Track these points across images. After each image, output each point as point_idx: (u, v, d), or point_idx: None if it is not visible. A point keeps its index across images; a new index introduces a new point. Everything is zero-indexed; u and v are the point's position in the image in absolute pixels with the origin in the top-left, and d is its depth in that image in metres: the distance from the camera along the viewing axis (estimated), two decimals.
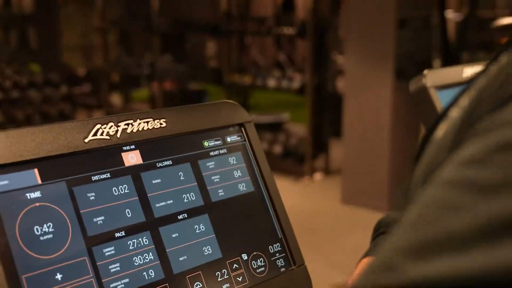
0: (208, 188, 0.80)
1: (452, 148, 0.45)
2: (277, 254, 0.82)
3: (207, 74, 6.79)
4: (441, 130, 0.49)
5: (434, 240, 0.34)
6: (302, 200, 5.00)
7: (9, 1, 8.97)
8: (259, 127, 6.57)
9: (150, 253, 0.72)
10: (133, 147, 0.76)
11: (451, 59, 5.40)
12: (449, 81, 1.20)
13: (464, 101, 0.46)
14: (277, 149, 5.68)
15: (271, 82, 5.84)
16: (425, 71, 1.18)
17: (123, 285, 0.68)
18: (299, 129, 6.71)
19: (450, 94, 1.20)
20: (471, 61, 6.58)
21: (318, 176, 5.57)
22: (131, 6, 9.60)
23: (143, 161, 0.76)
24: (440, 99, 1.17)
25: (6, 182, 0.65)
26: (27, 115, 7.25)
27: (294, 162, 5.60)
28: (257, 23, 6.06)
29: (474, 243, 0.32)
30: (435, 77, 1.19)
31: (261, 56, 8.67)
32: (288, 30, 5.76)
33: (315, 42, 5.37)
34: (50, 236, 0.65)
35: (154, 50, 7.17)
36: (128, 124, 0.76)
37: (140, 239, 0.72)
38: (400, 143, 4.55)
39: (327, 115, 5.65)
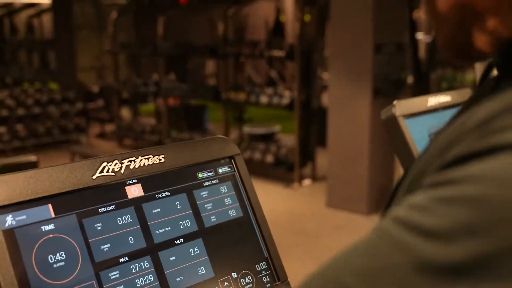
0: (202, 215, 0.80)
1: (407, 193, 0.47)
2: (263, 272, 0.83)
3: (206, 92, 6.79)
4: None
5: (380, 272, 0.35)
6: (291, 204, 5.01)
7: (31, 27, 8.98)
8: (253, 138, 6.58)
9: (151, 275, 0.72)
10: (135, 181, 0.76)
11: (422, 76, 5.42)
12: (415, 110, 1.21)
13: (433, 149, 0.46)
14: (269, 158, 5.69)
15: (264, 99, 5.85)
16: (395, 102, 1.19)
17: None
18: (289, 140, 6.71)
19: (416, 121, 1.22)
20: (440, 77, 6.59)
21: (306, 182, 5.57)
22: (139, 31, 9.62)
23: (144, 193, 0.77)
24: (408, 127, 1.19)
25: (23, 217, 0.66)
26: (47, 129, 7.25)
27: (284, 170, 5.60)
28: (251, 46, 6.08)
29: (411, 283, 0.34)
30: (403, 106, 1.20)
31: (255, 74, 8.69)
32: (278, 53, 5.77)
33: (302, 63, 5.39)
34: (62, 263, 0.66)
35: (159, 70, 7.19)
36: (131, 161, 0.77)
37: (141, 263, 0.72)
38: (378, 152, 4.57)
39: (313, 127, 5.66)
